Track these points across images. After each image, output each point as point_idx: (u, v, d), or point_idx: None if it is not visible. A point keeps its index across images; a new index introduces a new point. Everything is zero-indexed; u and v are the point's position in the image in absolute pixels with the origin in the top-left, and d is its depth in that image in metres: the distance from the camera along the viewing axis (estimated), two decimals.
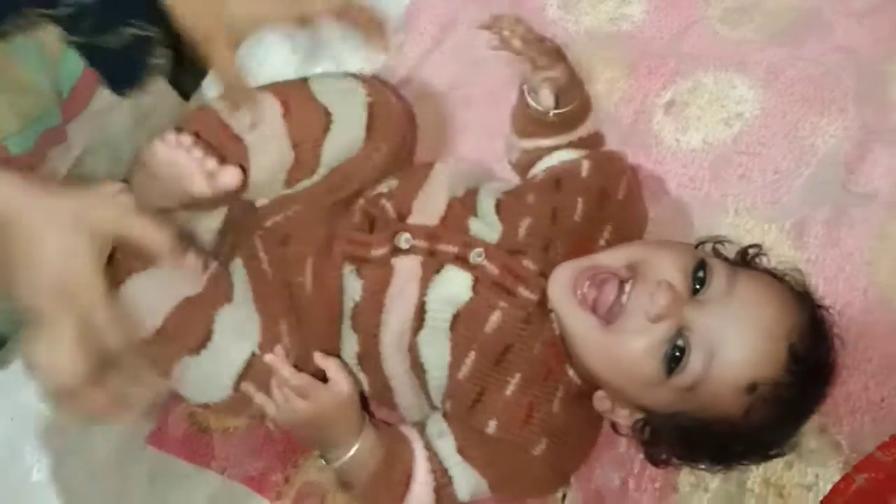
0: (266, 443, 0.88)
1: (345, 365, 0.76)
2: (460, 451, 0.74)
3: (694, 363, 0.66)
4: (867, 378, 0.76)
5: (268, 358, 0.74)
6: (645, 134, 0.93)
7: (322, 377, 0.75)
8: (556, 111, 0.81)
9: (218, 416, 0.90)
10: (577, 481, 0.79)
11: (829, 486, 0.72)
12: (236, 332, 0.77)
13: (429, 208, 0.77)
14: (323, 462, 0.77)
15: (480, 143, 0.96)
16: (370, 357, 0.76)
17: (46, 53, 0.86)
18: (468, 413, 0.73)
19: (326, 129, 0.82)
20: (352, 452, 0.74)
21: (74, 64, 0.89)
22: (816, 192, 0.85)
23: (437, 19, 1.07)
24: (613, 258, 0.71)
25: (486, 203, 0.78)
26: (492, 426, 0.72)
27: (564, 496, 0.79)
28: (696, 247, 0.77)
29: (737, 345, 0.66)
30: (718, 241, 0.78)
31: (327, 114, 0.82)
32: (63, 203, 0.64)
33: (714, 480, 0.76)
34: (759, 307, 0.67)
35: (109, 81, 0.80)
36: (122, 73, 0.79)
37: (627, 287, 0.68)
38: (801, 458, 0.75)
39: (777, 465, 0.75)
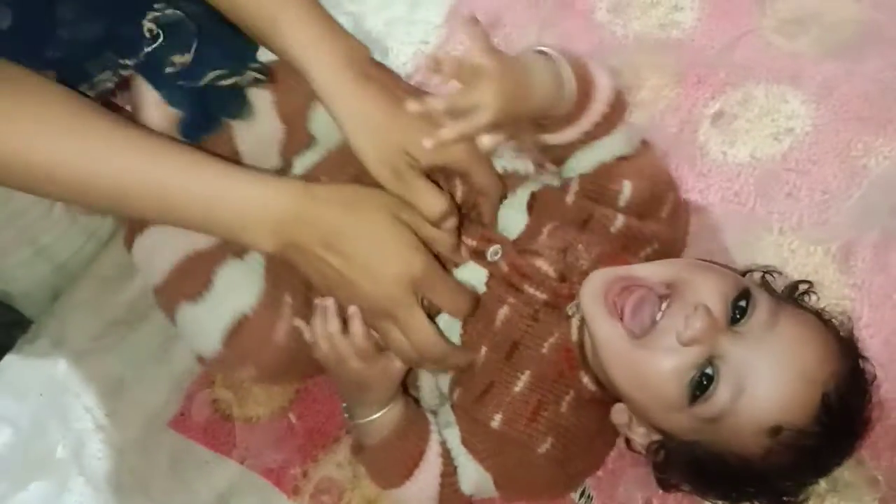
0: (287, 436, 0.87)
1: None
2: (464, 442, 0.73)
3: (720, 395, 0.63)
4: None
5: (351, 310, 0.70)
6: (690, 145, 0.91)
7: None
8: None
9: (241, 405, 0.90)
10: (600, 497, 0.78)
11: None
12: (235, 287, 0.78)
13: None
14: (345, 414, 0.77)
15: None
16: None
17: None
18: (475, 404, 0.72)
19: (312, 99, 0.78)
20: (375, 416, 0.74)
21: None
22: (866, 214, 0.82)
23: (483, 17, 1.05)
24: (653, 272, 0.68)
25: (522, 193, 0.76)
26: (497, 420, 0.71)
27: None
28: (744, 274, 0.74)
29: (769, 384, 0.63)
30: (768, 270, 0.75)
31: None
32: None
33: None
34: (799, 348, 0.64)
35: (184, 125, 0.80)
36: (198, 118, 0.80)
37: (664, 305, 0.66)
38: (835, 492, 0.72)
39: (810, 496, 0.72)
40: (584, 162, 0.76)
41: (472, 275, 0.73)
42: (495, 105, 0.63)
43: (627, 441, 0.74)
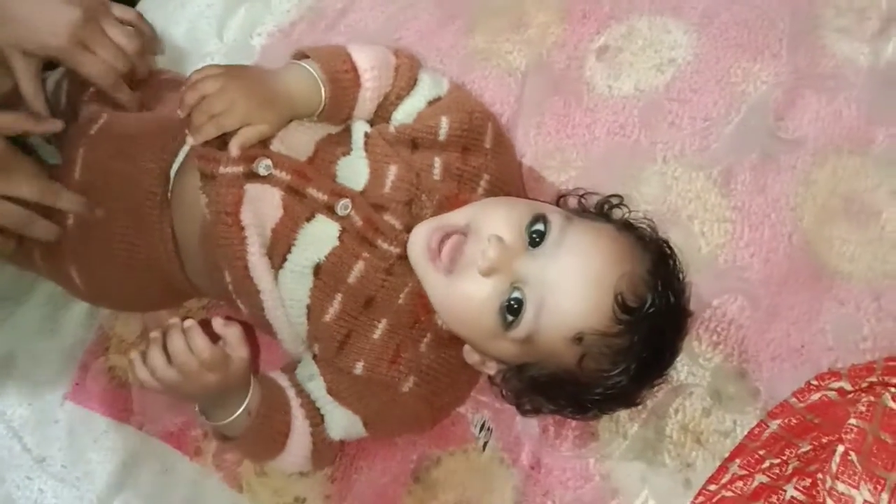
0: None
1: (237, 327, 0.69)
2: (330, 391, 0.74)
3: (527, 316, 0.66)
4: (788, 325, 0.76)
5: (188, 324, 0.67)
6: (577, 81, 0.91)
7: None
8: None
9: None
10: (498, 428, 0.79)
11: (746, 433, 0.72)
12: None
13: (295, 144, 0.75)
14: (201, 417, 0.73)
15: None
16: (241, 281, 0.73)
17: None
18: (336, 356, 0.73)
19: None
20: (236, 414, 0.71)
21: None
22: (745, 138, 0.84)
23: None
24: (459, 216, 0.71)
25: (357, 136, 0.77)
26: (359, 367, 0.72)
27: (486, 444, 0.78)
28: (559, 199, 0.77)
29: (561, 296, 0.66)
30: (581, 193, 0.78)
31: None
32: None
33: (633, 427, 0.76)
34: (585, 257, 0.67)
35: None
36: None
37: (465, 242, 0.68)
38: (719, 405, 0.75)
39: (696, 411, 0.75)
40: (401, 115, 0.80)
41: (324, 228, 0.72)
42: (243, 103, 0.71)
43: (490, 378, 0.75)
